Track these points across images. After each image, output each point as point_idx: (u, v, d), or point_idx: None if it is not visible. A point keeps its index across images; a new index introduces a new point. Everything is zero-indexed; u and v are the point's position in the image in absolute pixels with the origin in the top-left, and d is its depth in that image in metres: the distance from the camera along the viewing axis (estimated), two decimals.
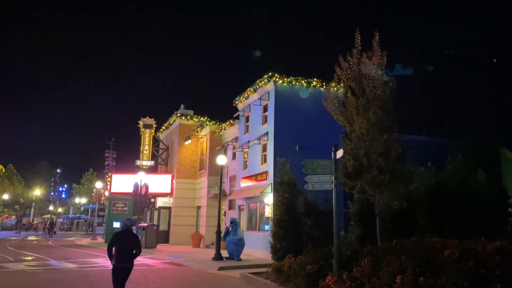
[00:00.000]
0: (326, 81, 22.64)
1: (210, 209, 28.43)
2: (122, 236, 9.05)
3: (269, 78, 21.81)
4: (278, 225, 15.06)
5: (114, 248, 8.91)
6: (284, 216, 15.07)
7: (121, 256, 8.83)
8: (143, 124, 33.70)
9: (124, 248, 8.86)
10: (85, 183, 71.59)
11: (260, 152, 22.81)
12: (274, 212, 15.51)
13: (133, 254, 8.97)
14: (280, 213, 15.11)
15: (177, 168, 30.91)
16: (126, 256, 8.86)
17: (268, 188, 20.93)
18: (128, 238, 9.05)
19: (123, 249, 8.84)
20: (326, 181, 12.14)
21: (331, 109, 15.36)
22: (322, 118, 22.31)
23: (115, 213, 31.86)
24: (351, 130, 14.88)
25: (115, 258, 8.85)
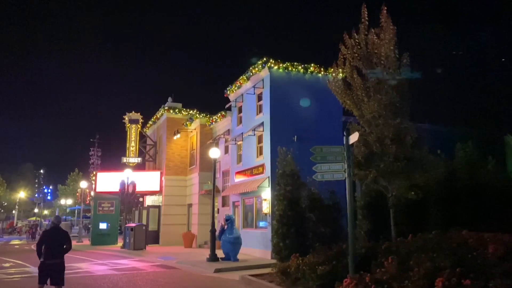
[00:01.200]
0: (324, 67, 21.23)
1: (202, 206, 26.88)
2: (50, 233, 9.56)
3: (264, 64, 20.29)
4: (281, 222, 13.58)
5: (44, 246, 9.33)
6: (287, 211, 13.59)
7: (50, 253, 9.29)
8: (128, 119, 31.94)
9: (53, 245, 9.34)
10: (71, 184, 69.36)
11: (255, 144, 21.31)
12: (276, 207, 14.03)
13: (64, 250, 9.50)
14: (282, 208, 13.63)
15: (166, 164, 29.27)
16: (55, 252, 9.34)
17: (265, 182, 19.45)
18: (56, 235, 9.51)
19: (52, 246, 9.32)
20: (337, 170, 10.67)
21: (336, 91, 13.91)
22: (321, 106, 20.99)
23: (101, 214, 30.14)
24: (359, 114, 13.47)
25: (43, 255, 9.28)
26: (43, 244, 9.36)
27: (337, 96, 14.03)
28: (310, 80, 21.07)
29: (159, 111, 30.81)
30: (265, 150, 20.13)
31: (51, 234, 9.52)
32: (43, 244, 9.36)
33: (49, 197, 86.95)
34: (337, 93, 13.92)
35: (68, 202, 66.02)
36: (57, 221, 9.98)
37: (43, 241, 9.42)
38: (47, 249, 9.29)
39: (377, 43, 13.21)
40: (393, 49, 12.65)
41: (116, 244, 29.15)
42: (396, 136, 12.40)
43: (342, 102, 14.04)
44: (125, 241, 25.66)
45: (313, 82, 21.09)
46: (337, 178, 10.83)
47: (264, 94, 20.80)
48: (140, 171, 31.44)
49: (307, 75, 20.99)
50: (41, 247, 9.35)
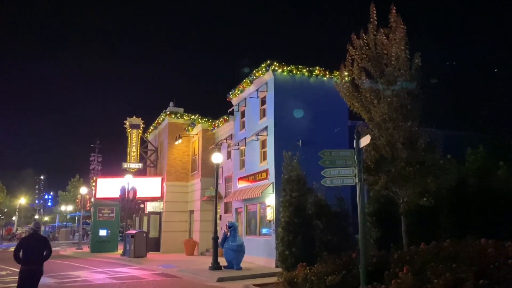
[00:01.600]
0: (329, 70, 20.76)
1: (204, 213, 26.32)
2: (29, 240, 9.35)
3: (267, 67, 19.83)
4: (287, 229, 13.03)
5: (22, 252, 9.09)
6: (293, 218, 13.04)
7: (29, 259, 9.04)
8: (129, 124, 31.46)
9: (31, 252, 9.09)
10: (71, 190, 68.79)
11: (259, 149, 20.80)
12: (281, 214, 13.47)
13: (43, 257, 9.25)
14: (288, 215, 13.09)
15: (167, 170, 28.75)
16: (34, 259, 9.09)
17: (269, 188, 18.92)
18: (35, 241, 9.27)
19: (30, 253, 9.07)
20: (347, 175, 10.15)
21: (344, 94, 13.41)
22: (326, 110, 20.50)
23: (101, 220, 29.58)
24: (368, 117, 12.96)
25: (22, 261, 9.05)
26: (21, 250, 9.15)
27: (344, 98, 13.54)
28: (315, 83, 20.60)
29: (160, 116, 30.34)
30: (269, 155, 19.62)
31: (30, 241, 9.32)
32: (21, 250, 9.16)
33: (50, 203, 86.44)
34: (344, 95, 13.42)
35: (69, 209, 65.46)
36: (36, 227, 9.74)
37: (20, 247, 9.20)
38: (26, 256, 9.08)
39: (386, 44, 12.74)
40: (404, 49, 12.18)
41: (116, 252, 28.58)
42: (407, 140, 11.89)
43: (350, 105, 13.54)
44: (125, 248, 25.10)
45: (318, 86, 20.63)
46: (347, 184, 10.32)
47: (268, 97, 20.32)
48: (141, 177, 30.92)
49: (312, 79, 20.52)
50: (18, 253, 9.14)
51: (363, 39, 13.24)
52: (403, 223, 12.28)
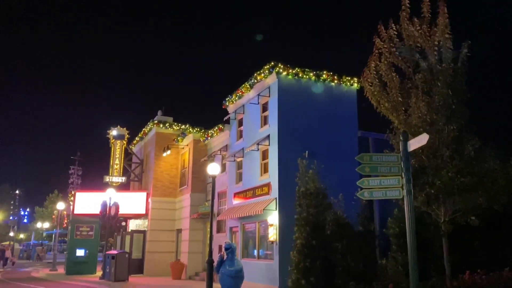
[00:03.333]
0: (338, 75, 18.82)
1: (194, 232, 23.88)
2: None
3: (271, 69, 17.79)
4: (302, 253, 10.80)
5: None
6: (310, 239, 10.83)
7: None
8: (113, 135, 28.96)
9: None
10: (49, 206, 65.34)
11: (259, 161, 18.62)
12: (296, 234, 11.22)
13: None
14: (304, 236, 10.87)
15: (154, 184, 26.30)
16: None
17: (272, 204, 16.69)
18: None
19: None
20: (392, 185, 8.05)
21: (371, 92, 11.38)
22: (334, 119, 18.50)
23: (79, 239, 26.80)
24: (400, 120, 10.94)
25: None
26: None
27: (371, 98, 11.53)
28: (322, 89, 18.62)
29: (147, 126, 28.00)
30: (272, 167, 17.44)
31: None
32: None
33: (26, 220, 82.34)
34: (371, 94, 11.42)
35: (45, 226, 61.90)
36: None
37: None
38: None
39: (420, 34, 10.82)
40: (448, 38, 10.25)
41: (95, 274, 25.80)
42: (452, 147, 9.89)
43: (376, 106, 11.53)
44: (104, 270, 22.43)
45: (325, 92, 18.67)
46: (391, 197, 8.22)
47: (270, 103, 18.24)
48: (124, 191, 28.33)
49: (319, 84, 18.55)
50: None
51: (393, 30, 11.32)
52: (444, 247, 10.19)
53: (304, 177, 12.01)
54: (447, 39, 10.20)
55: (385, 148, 19.50)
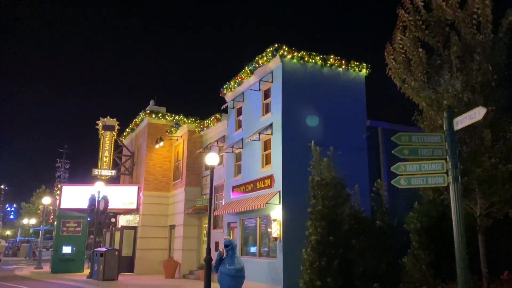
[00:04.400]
0: (346, 60, 17.55)
1: (188, 228, 22.52)
2: None
3: (275, 51, 16.46)
4: (318, 251, 9.49)
5: None
6: (326, 236, 9.52)
7: None
8: (102, 125, 27.43)
9: None
10: (36, 202, 63.30)
11: (260, 152, 17.30)
12: (309, 229, 9.89)
13: None
14: (320, 232, 9.55)
15: (145, 178, 24.85)
16: None
17: (275, 197, 15.40)
18: None
19: None
20: (434, 171, 6.77)
21: (395, 69, 10.10)
22: (341, 108, 17.23)
23: (66, 235, 25.29)
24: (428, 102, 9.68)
25: None
26: None
27: (394, 76, 10.24)
28: (329, 75, 17.35)
29: (138, 116, 26.52)
30: (274, 158, 16.14)
31: None
32: None
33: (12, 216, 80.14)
34: (395, 72, 10.12)
35: (32, 222, 60.01)
36: None
37: None
38: None
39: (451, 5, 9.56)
40: (488, 5, 8.98)
41: (82, 272, 24.35)
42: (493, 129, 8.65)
43: (400, 86, 10.25)
44: (92, 269, 20.99)
45: (332, 78, 17.40)
46: (432, 184, 6.94)
47: (273, 89, 16.92)
48: (114, 185, 26.83)
49: (326, 69, 17.26)
50: None
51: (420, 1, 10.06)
52: (480, 243, 8.97)
53: (319, 165, 10.72)
54: (486, 7, 8.96)
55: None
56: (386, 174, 16.89)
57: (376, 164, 17.34)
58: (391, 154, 18.23)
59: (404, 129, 18.42)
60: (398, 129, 18.34)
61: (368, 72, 17.94)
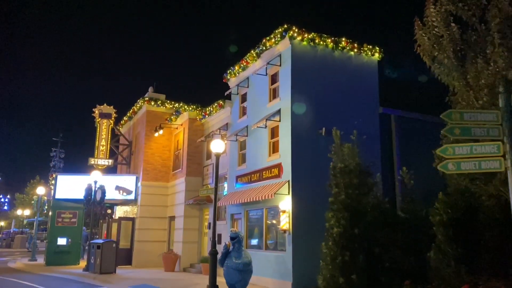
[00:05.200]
0: (358, 43, 16.63)
1: (189, 220, 21.65)
2: None
3: (284, 32, 15.50)
4: (340, 245, 8.62)
5: None
6: (350, 228, 8.64)
7: None
8: (99, 113, 26.42)
9: None
10: (30, 192, 62.18)
11: (267, 139, 16.40)
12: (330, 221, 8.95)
13: None
14: (343, 224, 8.67)
15: (144, 167, 23.91)
16: None
17: (284, 188, 14.52)
18: None
19: None
20: (490, 154, 5.90)
21: (425, 46, 9.21)
22: (352, 93, 16.32)
23: (61, 226, 24.37)
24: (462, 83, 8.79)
25: None
26: None
27: (423, 54, 9.34)
28: (341, 58, 16.43)
29: (137, 103, 25.52)
30: (283, 146, 15.24)
31: None
32: None
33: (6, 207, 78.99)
34: (425, 49, 9.23)
35: (26, 213, 58.91)
36: None
37: None
38: None
39: None
40: None
41: (78, 265, 23.50)
42: None
43: (429, 65, 9.37)
44: (89, 261, 20.09)
45: (343, 62, 16.48)
46: (486, 169, 6.06)
47: (282, 73, 15.98)
48: (112, 175, 25.86)
49: (337, 52, 16.33)
50: None
51: None
52: None
53: (340, 151, 9.83)
54: None
55: (409, 127, 17.52)
56: (399, 162, 16.07)
57: (388, 152, 16.50)
58: (404, 143, 17.42)
59: (420, 117, 17.66)
60: (413, 116, 17.54)
61: (381, 56, 17.03)
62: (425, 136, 16.94)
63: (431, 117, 18.02)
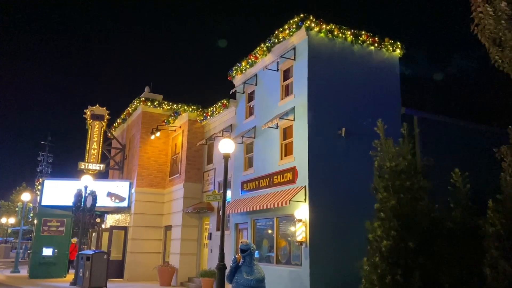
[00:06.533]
0: (379, 36, 15.23)
1: (187, 229, 19.97)
2: None
3: (300, 22, 14.04)
4: (391, 261, 7.05)
5: None
6: (403, 240, 7.05)
7: None
8: (91, 114, 24.73)
9: None
10: (16, 200, 59.78)
11: (278, 141, 14.86)
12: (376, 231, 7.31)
13: None
14: (394, 235, 7.08)
15: (139, 173, 22.20)
16: None
17: (300, 194, 12.95)
18: None
19: None
20: None
21: (488, 25, 7.77)
22: (373, 92, 14.88)
23: (47, 235, 22.47)
24: None
25: None
26: None
27: (482, 35, 7.88)
28: (360, 53, 15.01)
29: (132, 104, 23.87)
30: (298, 148, 13.70)
31: None
32: None
33: None
34: (486, 27, 7.77)
35: (11, 221, 56.51)
36: None
37: None
38: None
39: None
40: None
41: (65, 277, 21.61)
42: None
43: (488, 48, 7.90)
44: (77, 274, 18.25)
45: (363, 57, 15.07)
46: None
47: (296, 68, 14.50)
48: (103, 180, 24.09)
49: (356, 46, 14.90)
50: None
51: None
52: None
53: (388, 148, 8.30)
54: None
55: (434, 130, 16.11)
56: None
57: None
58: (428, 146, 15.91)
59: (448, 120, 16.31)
60: (439, 119, 16.17)
61: (402, 53, 15.66)
62: (450, 141, 15.58)
63: (457, 120, 16.68)
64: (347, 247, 12.46)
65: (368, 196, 13.60)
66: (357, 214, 13.27)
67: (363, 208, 13.42)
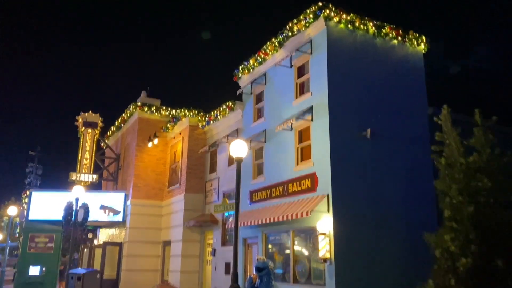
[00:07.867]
0: (403, 29, 13.83)
1: (189, 245, 18.28)
2: None
3: (318, 12, 12.60)
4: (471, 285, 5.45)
5: None
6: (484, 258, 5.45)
7: None
8: (83, 122, 23.02)
9: None
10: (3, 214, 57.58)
11: (293, 145, 13.32)
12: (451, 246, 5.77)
13: None
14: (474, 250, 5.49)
15: (134, 183, 20.51)
16: None
17: (322, 204, 11.36)
18: None
19: None
20: None
21: None
22: (398, 89, 13.43)
23: (34, 253, 20.49)
24: None
25: None
26: None
27: None
28: (383, 47, 13.60)
29: (127, 110, 22.27)
30: (317, 151, 12.16)
31: None
32: None
33: None
34: None
35: None
36: None
37: None
38: None
39: None
40: None
41: None
42: None
43: None
44: None
45: (386, 52, 13.67)
46: None
47: (313, 63, 13.02)
48: (96, 191, 22.35)
49: (378, 40, 13.50)
50: None
51: None
52: None
53: (455, 141, 6.73)
54: None
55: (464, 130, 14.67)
56: None
57: None
58: None
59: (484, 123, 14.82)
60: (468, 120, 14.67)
61: (427, 48, 14.27)
62: None
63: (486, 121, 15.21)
64: (378, 264, 10.93)
65: (399, 204, 12.11)
66: (387, 225, 11.78)
67: (393, 218, 11.94)
